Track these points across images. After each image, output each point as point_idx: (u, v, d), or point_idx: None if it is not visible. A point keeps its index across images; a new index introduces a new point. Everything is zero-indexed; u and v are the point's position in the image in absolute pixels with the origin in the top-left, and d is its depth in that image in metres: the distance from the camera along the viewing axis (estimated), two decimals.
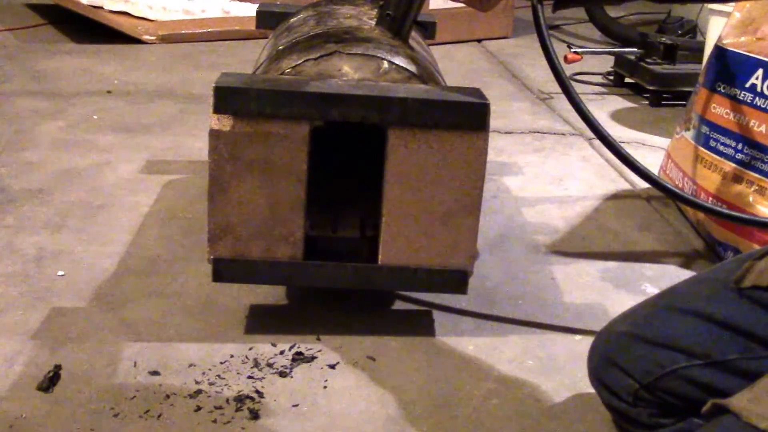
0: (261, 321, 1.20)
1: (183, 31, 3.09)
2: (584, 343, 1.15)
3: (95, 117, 2.10)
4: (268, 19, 1.57)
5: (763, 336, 0.80)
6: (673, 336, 0.85)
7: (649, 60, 2.56)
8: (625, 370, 0.87)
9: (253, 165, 1.05)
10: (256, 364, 1.09)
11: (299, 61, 1.12)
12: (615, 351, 0.89)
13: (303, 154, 1.05)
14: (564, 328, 1.23)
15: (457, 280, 1.13)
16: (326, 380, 1.07)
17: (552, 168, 1.92)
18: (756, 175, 1.37)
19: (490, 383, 1.08)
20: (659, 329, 0.86)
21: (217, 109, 1.03)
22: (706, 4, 2.47)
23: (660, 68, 2.50)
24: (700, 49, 2.38)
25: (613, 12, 3.47)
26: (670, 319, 0.87)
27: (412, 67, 1.14)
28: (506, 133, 2.16)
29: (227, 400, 1.01)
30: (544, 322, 1.24)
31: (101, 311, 1.20)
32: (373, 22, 1.24)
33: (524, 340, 1.19)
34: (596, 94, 2.65)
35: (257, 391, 1.03)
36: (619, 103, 2.55)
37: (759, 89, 1.39)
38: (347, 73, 1.12)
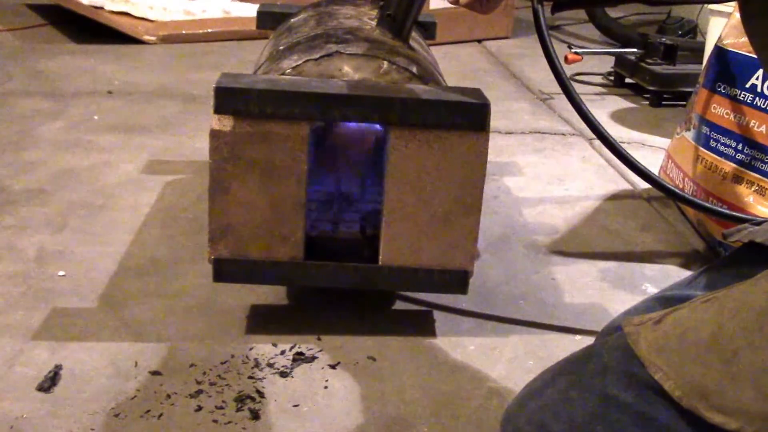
0: (262, 321, 1.20)
1: (183, 32, 3.09)
2: (584, 343, 1.15)
3: (96, 117, 2.11)
4: (268, 20, 1.57)
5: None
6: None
7: (649, 60, 2.56)
8: None
9: (254, 165, 1.05)
10: (257, 364, 1.09)
11: (300, 62, 1.13)
12: None
13: (303, 154, 1.06)
14: (564, 328, 1.23)
15: (457, 280, 1.13)
16: (327, 380, 1.07)
17: (552, 168, 1.92)
18: (756, 176, 1.37)
19: (491, 383, 1.08)
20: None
21: (218, 110, 1.03)
22: (706, 5, 2.47)
23: (660, 68, 2.50)
24: (701, 49, 2.39)
25: (613, 12, 3.47)
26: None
27: (412, 68, 1.14)
28: (507, 133, 2.16)
29: (228, 400, 1.01)
30: (544, 323, 1.24)
31: (102, 311, 1.20)
32: (374, 23, 1.24)
33: (524, 340, 1.19)
34: (596, 94, 2.65)
35: (258, 391, 1.03)
36: (619, 103, 2.55)
37: (759, 89, 1.39)
38: (348, 73, 1.12)
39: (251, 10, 2.94)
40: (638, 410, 0.68)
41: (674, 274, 1.41)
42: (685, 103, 1.88)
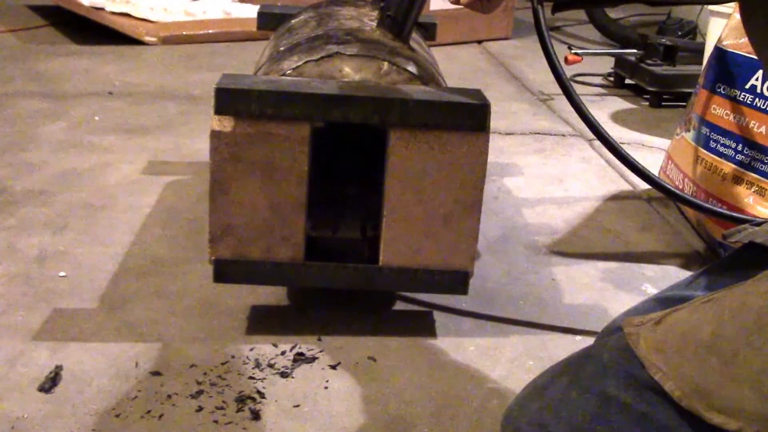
0: (262, 322, 1.20)
1: (184, 33, 3.09)
2: (584, 343, 1.15)
3: (96, 118, 2.11)
4: (269, 21, 1.57)
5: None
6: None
7: (649, 61, 2.56)
8: None
9: (255, 166, 1.06)
10: (258, 365, 1.09)
11: (300, 63, 1.13)
12: None
13: (304, 155, 1.06)
14: (564, 328, 1.23)
15: (457, 281, 1.13)
16: (327, 381, 1.07)
17: (552, 169, 1.92)
18: (756, 176, 1.37)
19: (491, 384, 1.08)
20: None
21: (219, 110, 1.03)
22: (706, 6, 2.47)
23: (660, 69, 2.51)
24: (700, 50, 2.39)
25: (613, 13, 3.48)
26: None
27: (413, 69, 1.14)
28: (507, 134, 2.16)
29: (228, 401, 1.01)
30: (544, 323, 1.24)
31: (103, 312, 1.20)
32: (374, 24, 1.24)
33: (525, 341, 1.19)
34: (596, 95, 2.66)
35: (258, 392, 1.03)
36: (619, 104, 2.55)
37: (759, 90, 1.39)
38: (348, 74, 1.12)
39: (252, 11, 2.95)
40: (638, 410, 0.68)
41: (674, 274, 1.41)
42: (684, 104, 1.88)
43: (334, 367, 1.10)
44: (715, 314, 0.67)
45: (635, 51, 2.65)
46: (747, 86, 1.41)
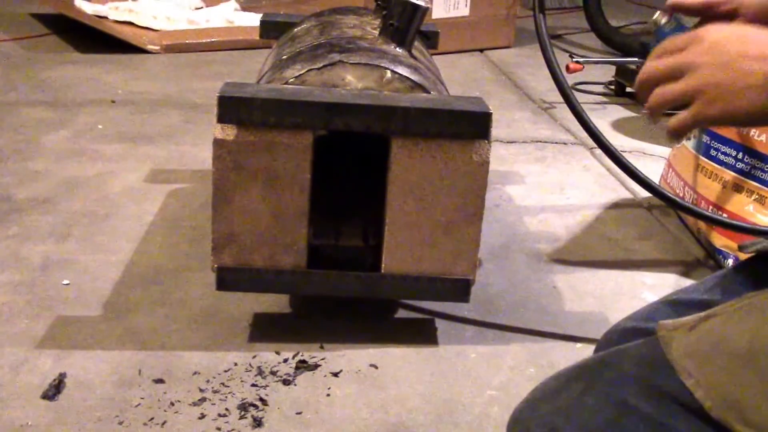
0: (265, 329, 1.21)
1: (187, 41, 3.10)
2: (585, 351, 1.16)
3: (100, 126, 2.11)
4: (271, 29, 1.58)
5: None
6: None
7: None
8: None
9: (257, 174, 1.06)
10: (260, 372, 1.09)
11: (303, 71, 1.13)
12: None
13: (306, 163, 1.06)
14: (565, 336, 1.24)
15: (459, 289, 1.13)
16: (329, 388, 1.07)
17: (553, 177, 1.93)
18: (756, 184, 1.38)
19: (492, 391, 1.09)
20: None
21: (221, 119, 1.04)
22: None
23: None
24: None
25: (614, 21, 3.48)
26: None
27: (415, 77, 1.14)
28: (508, 142, 2.17)
29: (231, 408, 1.02)
30: (545, 330, 1.25)
31: (106, 320, 1.21)
32: (377, 32, 1.25)
33: (526, 348, 1.19)
34: (598, 103, 2.66)
35: (261, 399, 1.04)
36: (620, 112, 2.55)
37: None
38: (351, 82, 1.13)
39: (254, 20, 2.96)
40: (658, 421, 0.67)
41: (674, 282, 1.41)
42: None
43: (336, 375, 1.10)
44: (752, 325, 0.66)
45: (636, 59, 2.66)
46: None
